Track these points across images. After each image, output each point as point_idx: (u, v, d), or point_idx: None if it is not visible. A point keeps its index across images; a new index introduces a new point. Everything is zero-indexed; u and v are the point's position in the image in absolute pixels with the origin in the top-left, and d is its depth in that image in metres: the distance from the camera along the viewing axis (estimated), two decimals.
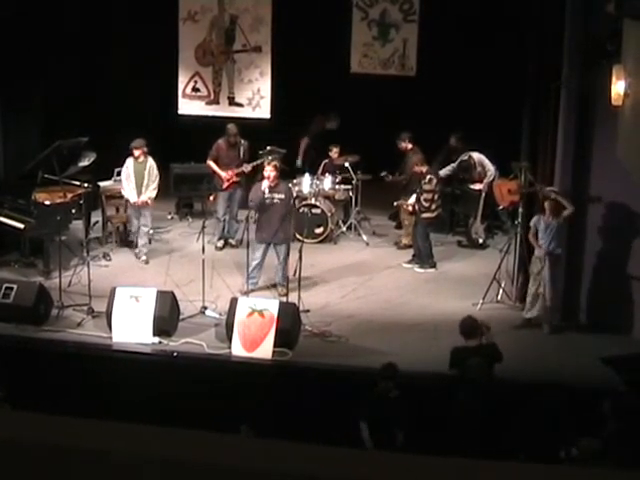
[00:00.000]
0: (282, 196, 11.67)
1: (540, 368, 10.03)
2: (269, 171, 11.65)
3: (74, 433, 2.72)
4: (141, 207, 13.08)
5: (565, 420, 8.82)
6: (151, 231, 13.46)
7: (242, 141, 13.63)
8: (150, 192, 13.05)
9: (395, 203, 13.93)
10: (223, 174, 13.46)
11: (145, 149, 13.04)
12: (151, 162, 13.11)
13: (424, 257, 12.96)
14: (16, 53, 13.75)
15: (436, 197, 12.90)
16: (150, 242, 13.46)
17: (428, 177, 12.89)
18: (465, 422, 8.64)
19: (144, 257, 13.10)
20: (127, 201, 13.29)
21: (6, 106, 13.71)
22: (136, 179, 13.02)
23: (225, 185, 13.51)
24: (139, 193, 13.04)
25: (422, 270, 12.89)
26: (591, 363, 9.98)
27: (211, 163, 13.59)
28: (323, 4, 15.64)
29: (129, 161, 13.09)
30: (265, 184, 11.60)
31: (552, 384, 9.64)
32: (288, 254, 11.70)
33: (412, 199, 13.14)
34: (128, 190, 13.06)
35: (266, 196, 11.58)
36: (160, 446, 2.58)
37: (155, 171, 13.11)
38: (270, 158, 12.73)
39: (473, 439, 8.47)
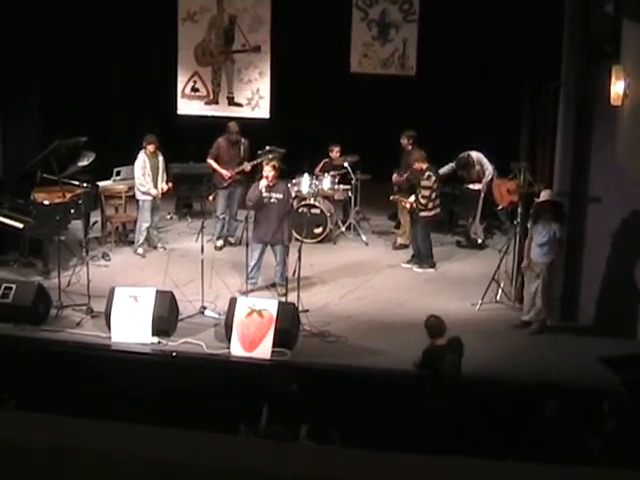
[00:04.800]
0: (280, 196, 11.66)
1: (538, 368, 10.03)
2: (268, 171, 11.66)
3: (73, 433, 2.72)
4: (156, 200, 13.30)
5: (563, 420, 8.80)
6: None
7: (242, 140, 13.63)
8: (164, 184, 13.40)
9: (391, 197, 13.87)
10: (224, 172, 13.46)
11: (157, 144, 13.22)
12: (161, 157, 13.37)
13: (423, 257, 12.95)
14: (15, 52, 13.74)
15: (434, 196, 12.86)
16: (147, 240, 13.48)
17: (427, 174, 12.85)
18: (439, 422, 8.65)
19: (160, 244, 13.53)
20: (144, 199, 13.23)
21: (5, 106, 13.70)
22: (152, 173, 13.17)
23: (226, 183, 13.51)
24: (155, 187, 13.24)
25: (421, 270, 12.88)
26: (590, 364, 9.97)
27: (211, 161, 13.59)
28: (323, 4, 15.66)
29: (144, 156, 13.18)
30: (263, 183, 11.60)
31: (550, 385, 9.63)
32: (286, 255, 11.69)
33: (412, 197, 13.12)
34: (148, 185, 13.16)
35: (264, 195, 11.58)
36: (159, 446, 2.57)
37: (164, 166, 13.47)
38: (270, 158, 12.75)
39: (447, 439, 8.47)
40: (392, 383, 9.58)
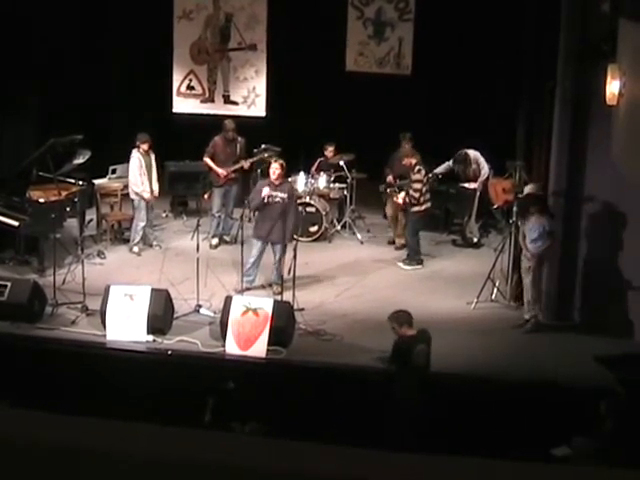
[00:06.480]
0: (285, 195, 11.65)
1: (535, 367, 10.04)
2: (275, 168, 11.66)
3: (67, 431, 2.70)
4: (150, 201, 13.28)
5: (560, 419, 8.82)
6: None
7: (239, 138, 13.62)
8: (157, 185, 13.39)
9: (381, 188, 13.86)
10: (220, 170, 13.44)
11: (151, 142, 13.19)
12: (153, 155, 13.34)
13: (411, 253, 12.94)
14: (12, 52, 13.72)
15: (424, 190, 12.87)
16: (143, 238, 13.47)
17: (417, 167, 12.88)
18: (413, 418, 8.66)
19: (155, 242, 13.52)
20: (138, 198, 13.17)
21: (5, 106, 13.68)
22: (148, 173, 13.13)
23: (221, 181, 13.49)
24: (150, 185, 13.21)
25: (409, 267, 12.84)
26: (586, 363, 9.98)
27: (207, 160, 13.57)
28: (319, 2, 15.66)
29: (138, 155, 13.11)
30: (266, 191, 11.50)
31: (547, 383, 9.64)
32: (284, 253, 11.68)
33: (402, 194, 13.14)
34: (143, 186, 13.10)
35: (269, 194, 11.56)
36: (159, 445, 2.57)
37: (156, 164, 13.44)
38: (266, 156, 12.75)
39: (427, 434, 8.48)
40: (388, 381, 9.55)
